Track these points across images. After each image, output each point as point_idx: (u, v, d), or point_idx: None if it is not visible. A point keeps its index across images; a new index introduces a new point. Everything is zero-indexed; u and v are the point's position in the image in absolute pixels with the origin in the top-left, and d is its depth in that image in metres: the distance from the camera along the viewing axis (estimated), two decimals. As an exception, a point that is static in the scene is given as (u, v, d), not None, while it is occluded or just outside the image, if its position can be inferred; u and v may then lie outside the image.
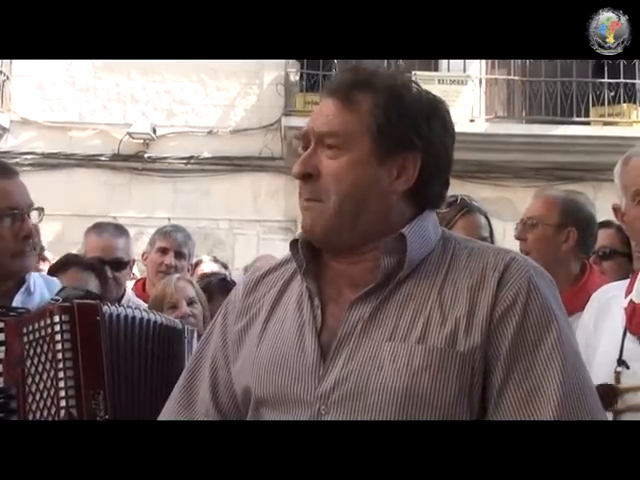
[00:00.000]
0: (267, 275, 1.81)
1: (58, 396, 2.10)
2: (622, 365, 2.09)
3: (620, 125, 11.29)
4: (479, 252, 1.66)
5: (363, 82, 1.65)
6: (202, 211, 11.07)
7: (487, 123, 11.28)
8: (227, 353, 1.78)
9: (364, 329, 1.61)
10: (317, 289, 1.68)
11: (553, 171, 11.11)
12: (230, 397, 1.77)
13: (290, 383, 1.64)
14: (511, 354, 1.55)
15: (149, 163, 11.38)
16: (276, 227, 11.37)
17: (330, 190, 1.63)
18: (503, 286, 1.59)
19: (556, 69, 11.43)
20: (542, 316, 1.57)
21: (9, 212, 2.38)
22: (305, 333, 1.66)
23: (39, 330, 2.16)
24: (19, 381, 2.16)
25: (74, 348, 2.12)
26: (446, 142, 1.69)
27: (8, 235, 2.37)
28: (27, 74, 11.22)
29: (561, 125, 11.24)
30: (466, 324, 1.57)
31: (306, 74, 11.28)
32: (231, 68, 11.04)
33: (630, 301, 2.18)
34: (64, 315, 2.15)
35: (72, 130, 11.36)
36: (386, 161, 1.63)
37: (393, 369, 1.56)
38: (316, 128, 1.67)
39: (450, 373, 1.55)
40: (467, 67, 11.36)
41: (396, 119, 1.63)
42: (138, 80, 11.47)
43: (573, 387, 1.54)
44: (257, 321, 1.75)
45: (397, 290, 1.63)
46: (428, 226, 1.68)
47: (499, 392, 1.55)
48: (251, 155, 11.33)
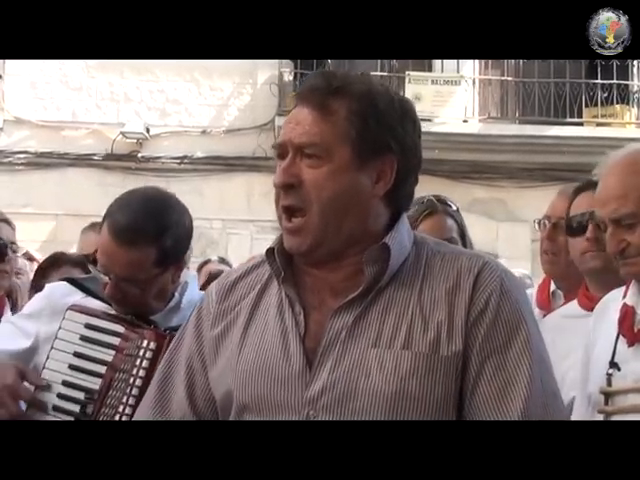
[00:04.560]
0: (240, 280, 1.81)
1: (117, 411, 2.19)
2: (614, 367, 2.10)
3: (613, 126, 11.30)
4: (452, 256, 1.70)
5: (337, 89, 1.66)
6: (195, 211, 10.82)
7: (480, 123, 11.28)
8: (204, 358, 1.79)
9: (348, 336, 1.64)
10: (297, 295, 1.69)
11: (546, 172, 11.11)
12: (207, 401, 1.78)
13: (276, 389, 1.65)
14: (483, 353, 1.60)
15: (142, 163, 11.35)
16: (269, 227, 11.35)
17: (312, 199, 1.64)
18: (477, 289, 1.63)
19: (549, 70, 11.44)
20: (512, 318, 1.62)
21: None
22: (289, 339, 1.67)
23: (134, 349, 2.24)
24: (105, 387, 2.24)
25: (150, 372, 2.13)
26: (417, 141, 1.73)
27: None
28: (20, 73, 11.18)
29: (554, 126, 11.25)
30: (447, 328, 1.61)
31: (300, 74, 11.28)
32: (225, 68, 11.02)
33: (624, 304, 2.19)
34: (152, 343, 2.22)
35: (65, 129, 11.32)
36: (366, 166, 1.65)
37: (381, 375, 1.59)
38: (294, 139, 1.67)
39: (436, 377, 1.58)
40: (460, 67, 11.35)
41: (373, 124, 1.65)
42: (131, 79, 11.44)
43: (538, 392, 1.59)
44: (236, 327, 1.75)
45: (379, 297, 1.66)
46: (404, 234, 1.71)
47: (472, 389, 1.60)
48: (244, 155, 11.32)
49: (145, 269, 2.24)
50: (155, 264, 2.25)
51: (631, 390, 2.08)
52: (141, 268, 2.24)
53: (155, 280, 2.29)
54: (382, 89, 1.71)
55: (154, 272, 2.26)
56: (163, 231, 2.25)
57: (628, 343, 2.12)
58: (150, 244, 2.23)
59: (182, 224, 2.37)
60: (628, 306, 2.18)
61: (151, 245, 2.23)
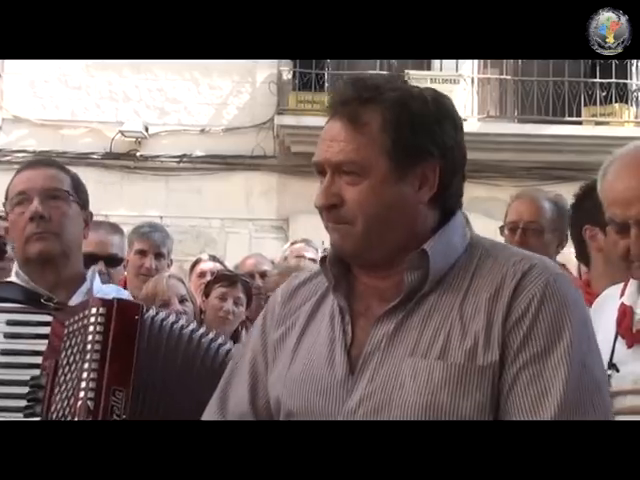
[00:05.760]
0: (304, 285, 1.81)
1: (79, 387, 2.07)
2: (612, 368, 2.08)
3: (612, 125, 11.32)
4: (502, 260, 1.64)
5: (367, 99, 1.62)
6: (194, 210, 11.04)
7: (479, 122, 11.28)
8: (267, 359, 1.79)
9: (388, 344, 1.61)
10: (347, 305, 1.68)
11: (545, 170, 11.12)
12: (267, 402, 1.77)
13: (318, 398, 1.64)
14: (518, 361, 1.55)
15: (141, 161, 11.35)
16: (268, 226, 11.36)
17: (356, 215, 1.62)
18: (517, 296, 1.58)
19: (548, 69, 11.45)
20: (554, 324, 1.55)
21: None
22: (335, 348, 1.66)
23: (77, 322, 2.16)
24: (51, 372, 2.17)
25: (105, 342, 2.09)
26: (458, 139, 1.68)
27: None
28: (19, 71, 11.18)
29: (553, 125, 11.26)
30: (484, 337, 1.56)
31: (299, 73, 11.27)
32: (224, 66, 11.02)
33: (622, 303, 2.16)
34: (102, 308, 2.13)
35: (64, 128, 11.32)
36: (406, 175, 1.62)
37: (413, 386, 1.56)
38: (332, 158, 1.63)
39: (469, 387, 1.54)
40: (459, 66, 11.37)
41: (408, 132, 1.61)
42: (130, 78, 11.44)
43: (574, 400, 1.52)
44: (292, 334, 1.75)
45: (421, 304, 1.63)
46: (453, 233, 1.67)
47: (505, 397, 1.55)
48: (243, 154, 11.32)
49: (64, 185, 2.50)
50: (71, 188, 2.52)
51: (630, 392, 2.06)
52: (60, 182, 2.49)
53: (71, 208, 2.49)
54: (415, 91, 1.66)
55: (71, 196, 2.50)
56: (68, 170, 2.58)
57: (627, 344, 2.10)
58: (63, 171, 2.56)
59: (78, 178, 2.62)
60: (626, 306, 2.15)
61: (64, 172, 2.56)
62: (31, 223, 2.42)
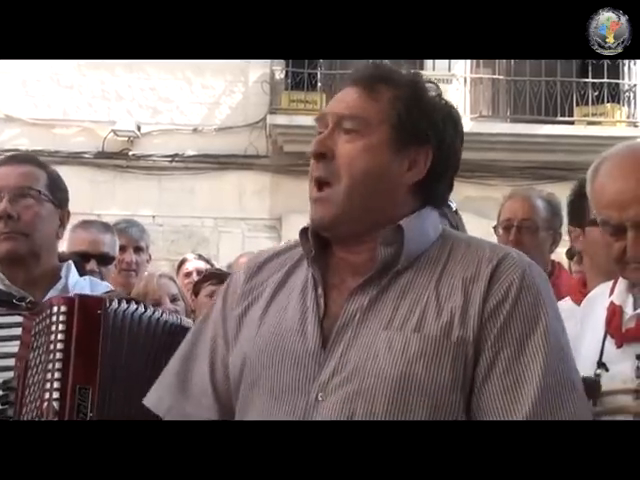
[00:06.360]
0: (271, 260, 1.84)
1: (44, 388, 2.04)
2: (601, 367, 2.07)
3: (604, 125, 11.33)
4: (476, 245, 1.70)
5: (386, 76, 1.72)
6: (187, 209, 11.03)
7: (472, 122, 11.26)
8: (227, 338, 1.80)
9: (362, 318, 1.64)
10: (321, 277, 1.71)
11: (537, 170, 11.13)
12: (227, 379, 1.78)
13: (288, 367, 1.66)
14: (497, 344, 1.59)
15: (133, 161, 11.33)
16: (261, 225, 11.35)
17: (342, 172, 1.66)
18: (495, 281, 1.63)
19: (540, 69, 11.46)
20: (532, 311, 1.61)
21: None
22: (307, 319, 1.68)
23: (42, 321, 2.13)
24: (21, 373, 2.14)
25: (68, 340, 2.06)
26: (456, 144, 1.75)
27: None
28: (11, 70, 11.14)
29: (545, 124, 11.27)
30: (460, 316, 1.60)
31: (291, 72, 11.26)
32: (216, 66, 11.00)
33: (611, 302, 2.16)
34: (63, 306, 2.10)
35: (56, 127, 11.29)
36: (400, 152, 1.68)
37: (389, 357, 1.58)
38: (336, 109, 1.70)
39: (444, 362, 1.57)
40: (452, 66, 11.37)
41: (416, 113, 1.69)
42: (123, 77, 11.41)
43: (553, 384, 1.57)
44: (258, 304, 1.77)
45: (395, 281, 1.66)
46: (427, 223, 1.72)
47: (484, 378, 1.58)
48: (236, 153, 11.30)
49: (37, 184, 2.46)
50: (46, 187, 2.48)
51: (620, 391, 2.05)
52: (33, 180, 2.46)
53: (43, 207, 2.45)
54: (432, 86, 1.77)
55: (43, 195, 2.45)
56: (46, 167, 2.55)
57: (617, 344, 2.09)
58: (40, 168, 2.52)
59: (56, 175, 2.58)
60: (615, 305, 2.14)
61: (41, 169, 2.51)
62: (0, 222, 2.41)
